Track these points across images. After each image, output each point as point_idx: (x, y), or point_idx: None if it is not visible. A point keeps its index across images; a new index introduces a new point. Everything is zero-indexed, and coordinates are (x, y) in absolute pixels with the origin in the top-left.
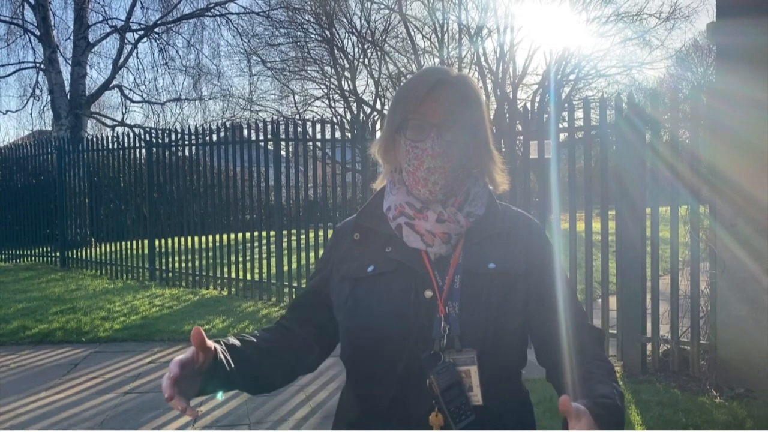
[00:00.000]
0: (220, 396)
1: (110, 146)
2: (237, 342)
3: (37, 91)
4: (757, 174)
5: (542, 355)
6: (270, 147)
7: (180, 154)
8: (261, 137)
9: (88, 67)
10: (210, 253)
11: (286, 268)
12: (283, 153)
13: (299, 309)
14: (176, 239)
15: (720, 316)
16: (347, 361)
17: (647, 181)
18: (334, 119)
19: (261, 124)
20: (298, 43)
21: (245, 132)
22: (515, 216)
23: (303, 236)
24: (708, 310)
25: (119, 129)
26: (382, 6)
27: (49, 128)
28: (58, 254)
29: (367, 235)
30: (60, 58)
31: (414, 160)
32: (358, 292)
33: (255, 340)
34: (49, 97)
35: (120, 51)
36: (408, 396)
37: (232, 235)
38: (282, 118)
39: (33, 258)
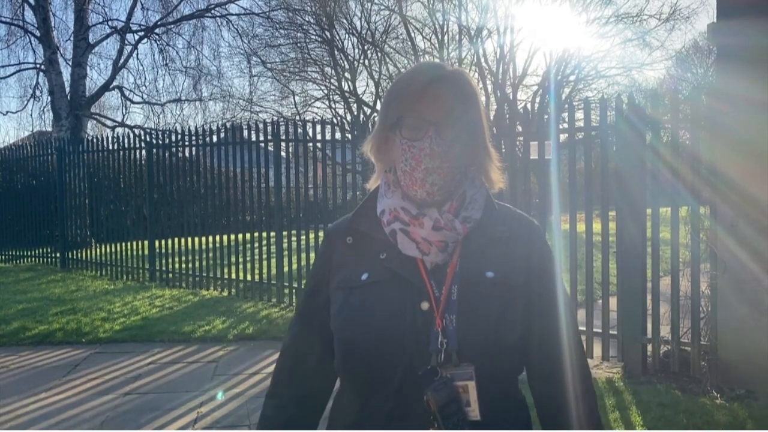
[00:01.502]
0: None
1: (110, 147)
2: None
3: (38, 92)
4: (758, 175)
5: (533, 373)
6: (270, 148)
7: (180, 155)
8: (261, 138)
9: (88, 68)
10: (210, 254)
11: (286, 268)
12: (283, 154)
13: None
14: (176, 240)
15: (721, 317)
16: (342, 372)
17: (647, 182)
18: (334, 120)
19: (261, 125)
20: (299, 44)
21: (245, 133)
22: (515, 218)
23: (303, 237)
24: (708, 310)
25: (119, 130)
26: (383, 7)
27: (50, 129)
28: (58, 255)
29: (360, 238)
30: (60, 59)
31: (411, 160)
32: (352, 301)
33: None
34: (49, 98)
35: (120, 52)
36: (404, 410)
37: (232, 236)
38: (282, 119)
39: (33, 259)
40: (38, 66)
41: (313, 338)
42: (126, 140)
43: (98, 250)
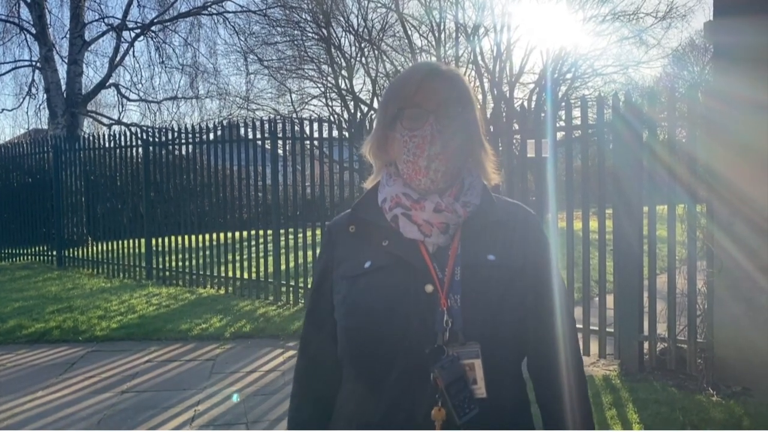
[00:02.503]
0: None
1: (107, 145)
2: None
3: (33, 90)
4: (754, 174)
5: (530, 358)
6: (267, 146)
7: (177, 152)
8: (258, 136)
9: (84, 65)
10: (207, 252)
11: (283, 266)
12: (280, 152)
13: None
14: (173, 238)
15: (717, 315)
16: (347, 360)
17: (644, 180)
18: (331, 118)
19: (258, 123)
20: (295, 42)
21: (242, 131)
22: (511, 206)
23: (300, 235)
24: (705, 308)
25: (116, 127)
26: (379, 4)
27: (46, 127)
28: (54, 253)
29: (363, 227)
30: (56, 57)
31: (415, 149)
32: (356, 289)
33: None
34: (45, 96)
35: (116, 49)
36: (410, 392)
37: (230, 234)
38: (279, 116)
39: (29, 257)
40: (34, 63)
41: (324, 336)
42: (122, 138)
43: (95, 248)
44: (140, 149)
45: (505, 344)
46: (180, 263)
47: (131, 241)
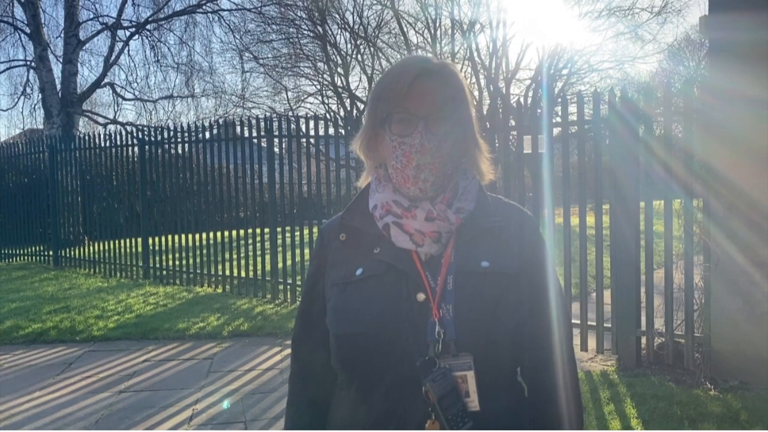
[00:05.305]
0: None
1: (102, 144)
2: None
3: (28, 90)
4: (750, 169)
5: (524, 364)
6: (263, 144)
7: (173, 151)
8: (254, 134)
9: (79, 64)
10: (204, 251)
11: (280, 265)
12: (276, 150)
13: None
14: (170, 237)
15: (713, 310)
16: (338, 367)
17: (640, 176)
18: (328, 115)
19: (254, 121)
20: (291, 40)
21: (238, 129)
22: (507, 209)
23: (297, 233)
24: (702, 303)
25: (111, 127)
26: (375, 1)
27: (41, 127)
28: (51, 253)
29: (353, 235)
30: (51, 56)
31: (402, 157)
32: (347, 296)
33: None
34: (40, 96)
35: (111, 48)
36: (403, 403)
37: (226, 233)
38: (275, 114)
39: (26, 257)
40: (29, 63)
41: (316, 340)
42: (118, 137)
43: (91, 248)
44: (136, 148)
45: (499, 354)
46: (177, 262)
47: (128, 240)
